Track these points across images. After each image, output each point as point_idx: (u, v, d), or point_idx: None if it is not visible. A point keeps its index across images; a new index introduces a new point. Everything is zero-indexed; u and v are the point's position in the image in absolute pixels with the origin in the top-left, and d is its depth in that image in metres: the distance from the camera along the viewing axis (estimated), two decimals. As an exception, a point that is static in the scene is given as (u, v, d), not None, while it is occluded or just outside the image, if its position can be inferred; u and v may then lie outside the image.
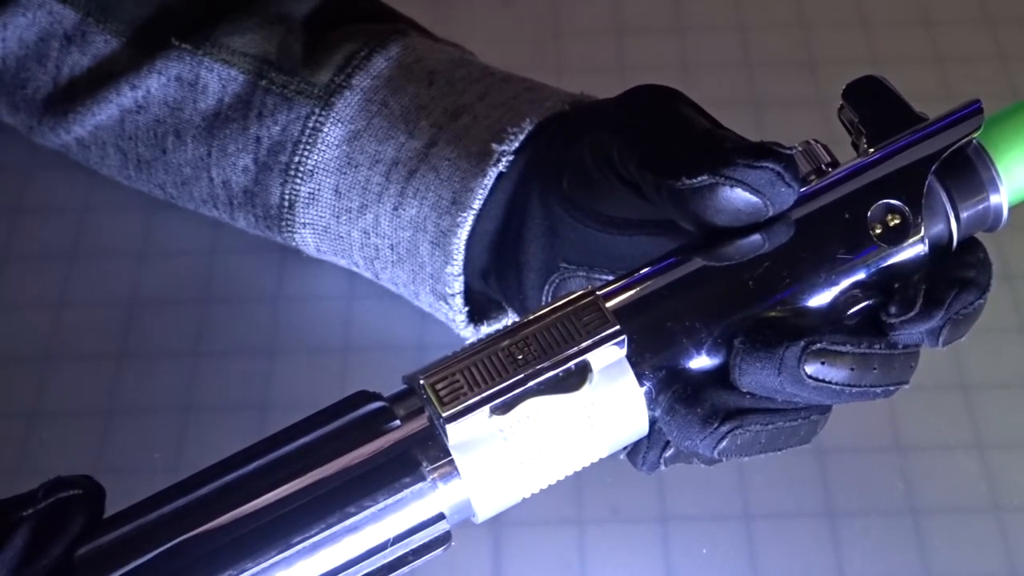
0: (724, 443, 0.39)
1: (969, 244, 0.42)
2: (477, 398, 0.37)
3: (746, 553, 0.51)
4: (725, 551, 0.51)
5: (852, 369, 0.39)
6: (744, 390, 0.39)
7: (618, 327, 0.38)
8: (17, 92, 0.60)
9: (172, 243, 0.61)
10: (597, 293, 0.39)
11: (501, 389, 0.37)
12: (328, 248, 0.55)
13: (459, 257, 0.50)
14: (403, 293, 0.55)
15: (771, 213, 0.40)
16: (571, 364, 0.37)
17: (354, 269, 0.56)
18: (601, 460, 0.40)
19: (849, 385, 0.39)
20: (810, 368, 0.39)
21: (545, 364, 0.37)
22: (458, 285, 0.51)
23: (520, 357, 0.37)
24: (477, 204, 0.50)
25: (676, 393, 0.39)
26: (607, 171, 0.45)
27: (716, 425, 0.39)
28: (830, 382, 0.39)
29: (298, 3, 0.56)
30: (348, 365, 0.57)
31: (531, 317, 0.38)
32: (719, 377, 0.40)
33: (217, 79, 0.55)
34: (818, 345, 0.39)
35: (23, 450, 0.55)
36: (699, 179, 0.40)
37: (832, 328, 0.40)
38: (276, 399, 0.56)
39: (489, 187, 0.50)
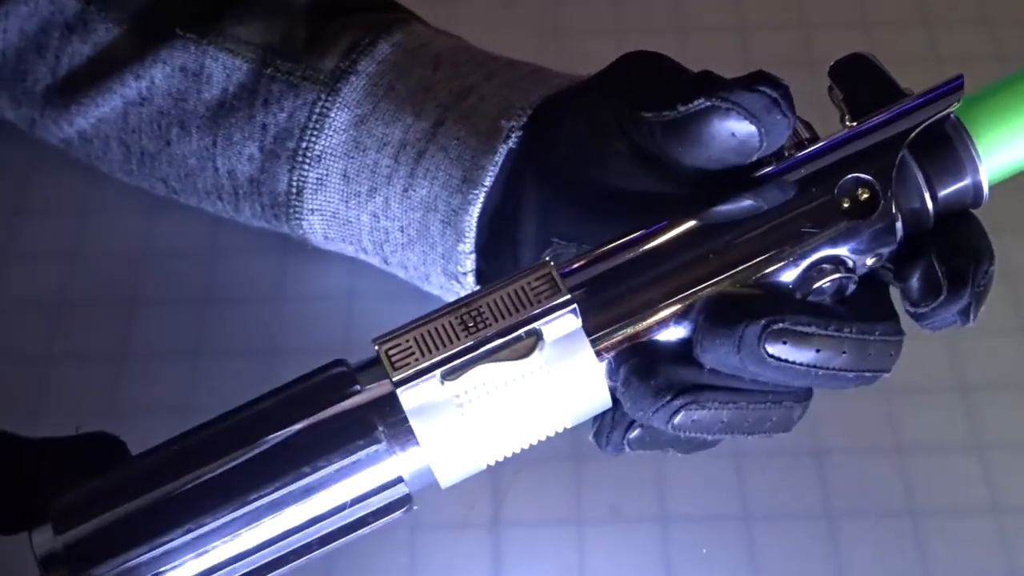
0: (678, 418, 0.39)
1: (962, 217, 0.42)
2: (426, 364, 0.38)
3: (746, 553, 0.51)
4: (725, 551, 0.51)
5: (818, 351, 0.39)
6: (707, 366, 0.39)
7: (568, 296, 0.38)
8: (18, 85, 0.59)
9: (172, 243, 0.61)
10: (552, 264, 0.39)
11: (450, 355, 0.38)
12: (336, 235, 0.55)
13: (471, 235, 0.51)
14: (412, 277, 0.55)
15: (764, 146, 0.40)
16: (520, 332, 0.38)
17: (361, 256, 0.56)
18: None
19: (815, 367, 0.39)
20: (772, 348, 0.38)
21: (493, 331, 0.38)
22: (470, 263, 0.51)
23: (471, 324, 0.38)
24: (488, 181, 0.50)
25: (632, 365, 0.39)
26: (599, 137, 0.45)
27: (669, 398, 0.39)
28: (794, 363, 0.39)
29: None
30: (348, 365, 0.57)
31: (488, 287, 0.39)
32: (683, 352, 0.40)
33: (222, 68, 0.55)
34: (779, 325, 0.38)
35: (23, 450, 0.55)
36: (696, 103, 0.40)
37: (799, 307, 0.39)
38: (276, 399, 0.56)
39: (500, 164, 0.50)
